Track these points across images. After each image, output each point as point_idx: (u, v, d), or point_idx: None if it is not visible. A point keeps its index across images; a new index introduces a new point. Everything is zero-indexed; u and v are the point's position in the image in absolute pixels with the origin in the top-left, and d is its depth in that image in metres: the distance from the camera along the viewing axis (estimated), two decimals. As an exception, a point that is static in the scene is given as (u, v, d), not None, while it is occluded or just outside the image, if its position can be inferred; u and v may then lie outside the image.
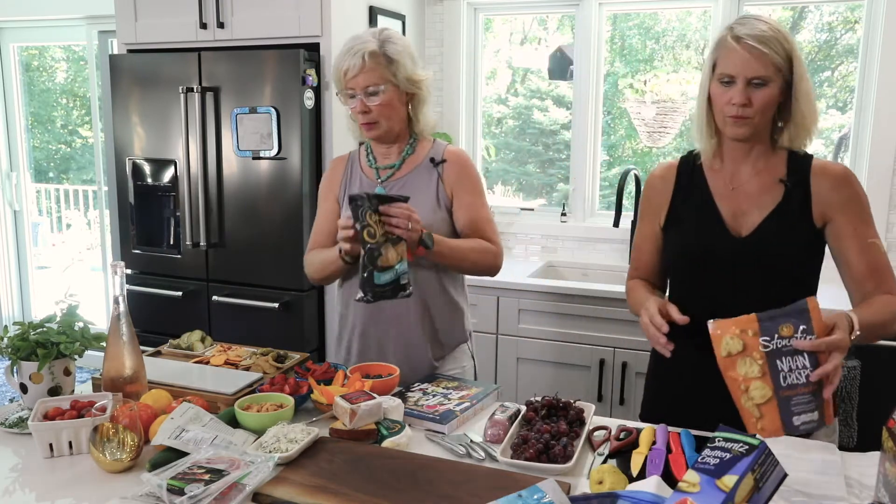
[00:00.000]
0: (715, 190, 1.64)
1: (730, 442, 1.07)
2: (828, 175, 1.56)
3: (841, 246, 1.57)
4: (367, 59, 1.79)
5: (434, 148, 1.95)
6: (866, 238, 1.56)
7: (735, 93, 1.51)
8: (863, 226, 1.56)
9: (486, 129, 3.82)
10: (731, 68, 1.52)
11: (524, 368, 3.00)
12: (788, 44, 1.51)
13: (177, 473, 1.22)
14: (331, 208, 1.99)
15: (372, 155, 1.97)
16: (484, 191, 1.97)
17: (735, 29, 1.53)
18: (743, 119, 1.53)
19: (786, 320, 1.30)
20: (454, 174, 1.91)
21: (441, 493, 1.24)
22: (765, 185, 1.59)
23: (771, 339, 1.30)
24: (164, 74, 3.04)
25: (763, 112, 1.53)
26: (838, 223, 1.56)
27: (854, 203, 1.56)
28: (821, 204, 1.56)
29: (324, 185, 2.03)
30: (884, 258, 1.57)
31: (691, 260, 1.65)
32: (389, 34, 1.85)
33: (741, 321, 1.32)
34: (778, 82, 1.51)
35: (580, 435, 1.44)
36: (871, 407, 2.55)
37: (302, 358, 1.86)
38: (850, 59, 3.24)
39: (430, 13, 3.58)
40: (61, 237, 6.20)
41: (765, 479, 1.03)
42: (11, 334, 1.62)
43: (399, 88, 1.84)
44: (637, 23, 3.59)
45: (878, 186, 3.03)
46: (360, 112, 1.84)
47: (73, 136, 5.60)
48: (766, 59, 1.49)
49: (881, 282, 1.55)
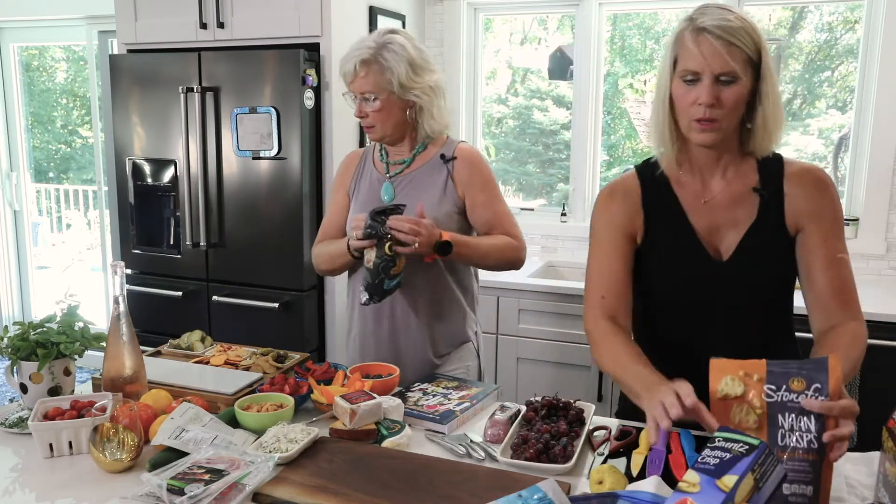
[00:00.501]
0: (686, 205, 1.48)
1: (730, 442, 1.07)
2: (802, 179, 1.44)
3: (808, 258, 1.44)
4: (359, 67, 1.83)
5: (446, 144, 1.95)
6: (836, 252, 1.43)
7: (701, 91, 1.34)
8: (833, 238, 1.43)
9: (486, 129, 3.82)
10: (696, 64, 1.34)
11: (524, 368, 3.00)
12: (757, 35, 1.35)
13: (177, 473, 1.22)
14: (341, 201, 2.02)
15: (384, 150, 1.99)
16: (498, 186, 1.96)
17: (697, 19, 1.35)
18: (711, 122, 1.36)
19: (799, 373, 1.16)
20: (465, 173, 1.90)
21: (441, 493, 1.24)
22: (738, 197, 1.46)
23: (777, 390, 1.17)
24: (164, 74, 3.04)
25: (733, 112, 1.37)
26: (808, 232, 1.43)
27: (827, 211, 1.43)
28: (794, 211, 1.44)
29: (337, 178, 2.06)
30: (850, 276, 1.45)
31: (671, 284, 1.51)
32: (390, 39, 1.85)
33: (748, 364, 1.20)
34: (748, 79, 1.35)
35: (580, 435, 1.44)
36: (871, 407, 2.55)
37: (302, 358, 1.86)
38: (850, 59, 3.24)
39: (430, 13, 3.58)
40: (61, 237, 6.19)
41: (765, 479, 1.03)
42: (11, 334, 1.62)
43: (395, 95, 1.85)
44: (637, 23, 3.59)
45: (878, 186, 3.03)
46: (357, 116, 1.89)
47: (73, 136, 5.60)
48: (736, 52, 1.32)
49: (846, 305, 1.43)
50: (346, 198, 2.01)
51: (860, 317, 1.44)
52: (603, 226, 1.53)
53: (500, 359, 3.03)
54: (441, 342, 1.94)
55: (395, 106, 1.86)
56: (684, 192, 1.49)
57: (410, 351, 1.92)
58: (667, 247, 1.49)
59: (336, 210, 2.02)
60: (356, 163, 2.03)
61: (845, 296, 1.43)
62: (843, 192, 3.19)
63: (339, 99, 2.93)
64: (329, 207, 2.06)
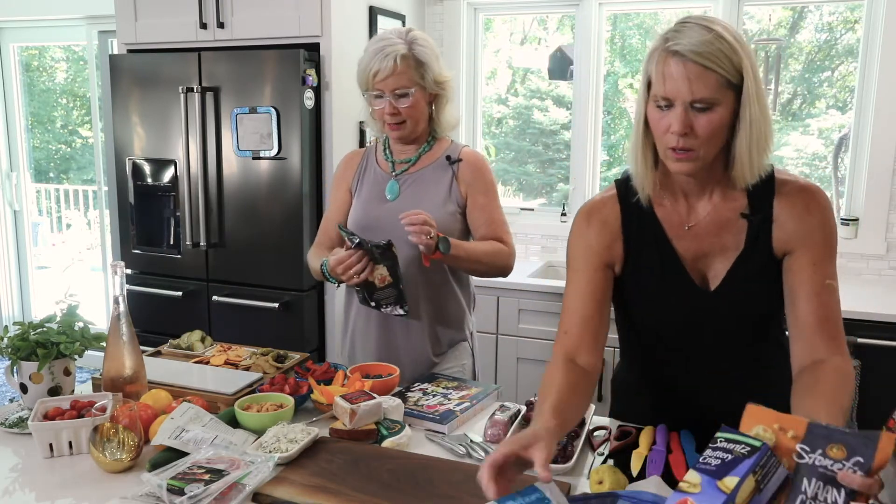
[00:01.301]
0: (669, 230, 1.38)
1: (732, 443, 1.07)
2: (793, 200, 1.33)
3: (794, 282, 1.32)
4: (399, 61, 1.81)
5: (451, 147, 1.97)
6: (824, 278, 1.31)
7: (674, 119, 1.22)
8: (823, 262, 1.32)
9: (486, 129, 3.82)
10: (667, 89, 1.22)
11: (524, 368, 3.00)
12: (737, 56, 1.21)
13: (177, 473, 1.22)
14: (343, 197, 2.02)
15: (389, 149, 1.99)
16: (498, 193, 1.98)
17: (671, 40, 1.22)
18: (686, 151, 1.25)
19: (842, 441, 1.02)
20: (470, 175, 1.92)
21: (441, 493, 1.24)
22: (725, 222, 1.35)
23: (811, 452, 1.03)
24: (164, 74, 3.03)
25: (710, 141, 1.25)
26: (797, 255, 1.32)
27: (818, 235, 1.32)
28: (783, 233, 1.33)
29: (337, 175, 2.06)
30: (837, 306, 1.33)
31: (655, 313, 1.43)
32: (416, 35, 1.87)
33: (787, 418, 1.08)
34: (727, 103, 1.23)
35: (580, 435, 1.44)
36: (871, 407, 2.55)
37: (302, 358, 1.86)
38: (850, 59, 3.24)
39: (430, 13, 3.58)
40: (61, 237, 6.19)
41: (766, 481, 1.02)
42: (11, 334, 1.62)
43: (426, 90, 1.87)
44: (637, 23, 3.59)
45: (878, 186, 3.03)
46: (390, 113, 1.86)
47: (73, 136, 5.60)
48: (711, 77, 1.20)
49: (831, 338, 1.30)
50: (347, 194, 2.01)
51: (845, 352, 1.32)
52: (579, 254, 1.43)
53: (500, 359, 3.03)
54: (440, 341, 1.95)
55: (423, 101, 1.88)
56: (667, 217, 1.38)
57: (409, 349, 1.92)
58: (650, 275, 1.39)
59: (337, 207, 2.02)
60: (357, 161, 2.04)
61: (831, 327, 1.31)
62: (844, 192, 3.20)
63: (339, 99, 2.94)
64: (330, 205, 2.06)
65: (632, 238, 1.40)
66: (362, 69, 1.87)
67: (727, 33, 1.22)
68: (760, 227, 1.34)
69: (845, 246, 3.07)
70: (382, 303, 1.82)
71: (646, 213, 1.39)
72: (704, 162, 1.28)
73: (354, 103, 3.06)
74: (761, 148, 1.27)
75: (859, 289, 2.88)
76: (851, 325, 2.52)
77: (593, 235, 1.41)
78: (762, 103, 1.24)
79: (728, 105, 1.23)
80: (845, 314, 2.44)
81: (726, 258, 1.35)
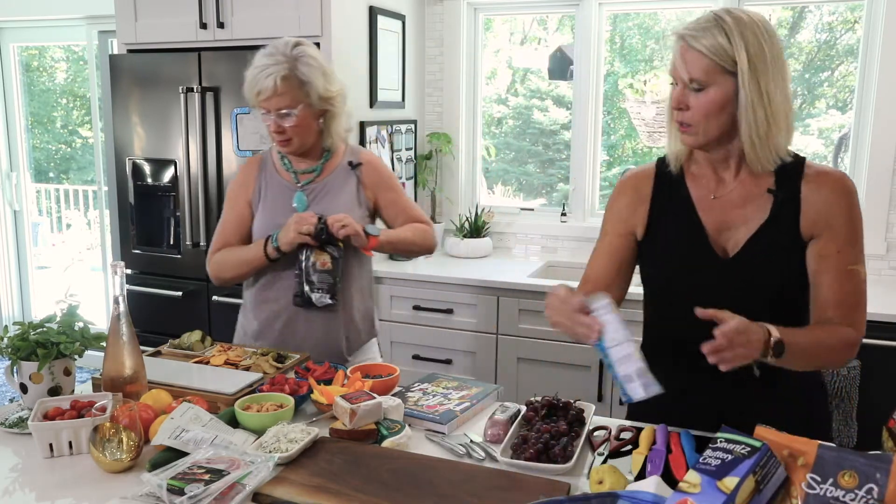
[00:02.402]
0: (697, 200, 1.45)
1: (732, 443, 1.07)
2: (822, 184, 1.38)
3: (819, 267, 1.37)
4: (280, 83, 1.83)
5: (349, 151, 2.04)
6: (848, 263, 1.36)
7: (675, 95, 1.36)
8: (847, 247, 1.36)
9: (486, 129, 3.82)
10: (672, 69, 1.36)
11: (524, 368, 3.00)
12: (731, 45, 1.29)
13: (177, 473, 1.22)
14: (243, 211, 2.02)
15: (287, 159, 2.01)
16: (398, 180, 2.13)
17: (684, 24, 1.36)
18: (685, 126, 1.36)
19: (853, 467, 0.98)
20: (373, 177, 2.03)
21: (441, 493, 1.24)
22: (751, 195, 1.41)
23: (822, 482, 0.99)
24: (164, 74, 3.03)
25: (706, 119, 1.34)
26: (823, 240, 1.37)
27: (845, 219, 1.36)
28: (810, 217, 1.37)
29: (235, 187, 2.05)
30: (859, 290, 1.37)
31: (672, 280, 1.48)
32: (302, 51, 1.88)
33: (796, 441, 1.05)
34: (723, 86, 1.31)
35: (580, 435, 1.44)
36: (871, 407, 2.55)
37: (302, 358, 1.86)
38: (850, 59, 3.24)
39: (430, 13, 3.58)
40: (61, 237, 6.19)
41: (766, 482, 1.03)
42: (11, 334, 1.62)
43: (312, 106, 1.89)
44: (637, 23, 3.59)
45: (878, 186, 3.03)
46: (275, 131, 1.90)
47: (73, 136, 5.60)
48: (702, 61, 1.30)
49: (846, 314, 1.36)
50: (247, 209, 2.01)
51: (859, 328, 1.36)
52: (609, 219, 1.56)
53: (500, 359, 3.03)
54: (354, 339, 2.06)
55: (310, 117, 1.91)
56: (697, 186, 1.47)
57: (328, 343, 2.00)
58: (671, 240, 1.47)
59: (237, 220, 2.02)
60: (255, 172, 2.03)
61: (847, 308, 1.36)
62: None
63: (339, 99, 2.94)
64: (227, 218, 2.04)
65: (659, 205, 1.49)
66: (247, 85, 1.88)
67: (731, 23, 1.30)
68: (785, 204, 1.38)
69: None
70: (315, 287, 1.89)
71: (677, 181, 1.48)
72: (706, 137, 1.36)
73: (354, 103, 3.06)
74: (761, 133, 1.33)
75: (859, 289, 2.88)
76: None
77: (623, 203, 1.53)
78: (761, 90, 1.30)
79: (723, 88, 1.32)
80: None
81: (748, 229, 1.40)
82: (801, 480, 1.01)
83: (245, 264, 1.97)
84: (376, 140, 3.18)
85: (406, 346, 3.17)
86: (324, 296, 1.91)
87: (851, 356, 1.39)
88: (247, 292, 2.09)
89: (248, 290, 2.09)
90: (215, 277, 2.04)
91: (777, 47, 1.34)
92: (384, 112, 3.27)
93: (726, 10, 1.34)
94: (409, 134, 3.50)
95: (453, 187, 3.67)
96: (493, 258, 3.44)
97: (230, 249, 2.00)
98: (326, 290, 1.91)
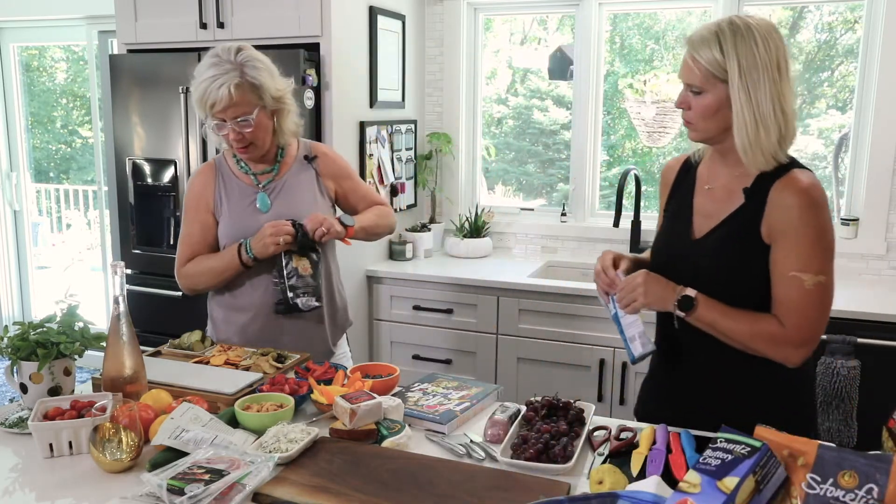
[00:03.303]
0: (697, 187, 1.61)
1: (732, 443, 1.07)
2: (787, 191, 1.43)
3: (772, 270, 1.46)
4: (234, 91, 1.82)
5: (302, 147, 2.06)
6: (792, 269, 1.42)
7: (680, 95, 1.52)
8: (794, 254, 1.42)
9: (486, 129, 3.82)
10: (679, 71, 1.51)
11: (524, 368, 3.00)
12: (723, 55, 1.41)
13: (177, 473, 1.23)
14: (205, 220, 2.01)
15: (244, 162, 2.01)
16: (351, 166, 2.19)
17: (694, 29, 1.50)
18: (689, 123, 1.51)
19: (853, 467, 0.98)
20: (331, 167, 2.08)
21: (441, 493, 1.24)
22: (732, 190, 1.52)
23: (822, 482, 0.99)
24: (164, 74, 3.03)
25: (704, 120, 1.48)
26: (778, 244, 1.44)
27: (800, 226, 1.41)
28: (770, 220, 1.44)
29: (193, 197, 2.02)
30: (802, 297, 1.41)
31: (657, 255, 1.66)
32: (247, 56, 1.88)
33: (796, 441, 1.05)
34: (717, 92, 1.44)
35: (580, 435, 1.44)
36: (871, 407, 2.55)
37: (302, 358, 1.86)
38: (850, 59, 3.24)
39: (430, 13, 3.58)
40: (61, 237, 6.19)
41: (766, 482, 1.03)
42: (11, 334, 1.62)
43: (266, 108, 1.90)
44: (637, 23, 3.59)
45: (878, 186, 3.03)
46: (235, 140, 1.89)
47: (73, 136, 5.60)
48: (698, 67, 1.44)
49: (784, 315, 1.44)
50: (209, 216, 2.00)
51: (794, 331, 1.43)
52: (659, 196, 1.75)
53: (500, 359, 3.03)
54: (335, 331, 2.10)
55: (265, 119, 1.92)
56: (701, 176, 1.61)
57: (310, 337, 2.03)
58: (670, 217, 1.66)
59: (202, 229, 2.00)
60: (212, 179, 2.02)
61: (789, 313, 1.44)
62: (844, 192, 3.20)
63: (339, 99, 2.94)
64: (191, 228, 2.02)
65: (676, 183, 1.67)
66: (198, 98, 1.87)
67: (728, 34, 1.42)
68: (753, 204, 1.48)
69: (845, 246, 3.07)
70: (300, 291, 1.91)
71: (693, 169, 1.64)
72: (706, 134, 1.51)
73: (354, 103, 3.07)
74: (751, 136, 1.42)
75: (859, 289, 2.88)
76: (851, 325, 2.53)
77: (662, 182, 1.72)
78: (750, 98, 1.41)
79: (717, 94, 1.44)
80: (845, 314, 2.45)
81: (718, 218, 1.53)
82: (801, 480, 1.01)
83: (219, 274, 1.97)
84: (376, 140, 3.18)
85: (406, 346, 3.17)
86: (309, 299, 1.93)
87: (779, 353, 1.46)
88: (213, 302, 2.09)
89: (214, 300, 2.08)
90: (188, 289, 2.04)
91: (776, 54, 1.41)
92: (384, 112, 3.27)
93: (729, 19, 1.44)
94: (409, 134, 3.50)
95: (453, 187, 3.67)
96: (493, 258, 3.44)
97: (200, 260, 1.99)
98: (311, 293, 1.93)
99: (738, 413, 1.38)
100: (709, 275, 1.50)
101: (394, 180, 3.34)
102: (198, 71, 1.88)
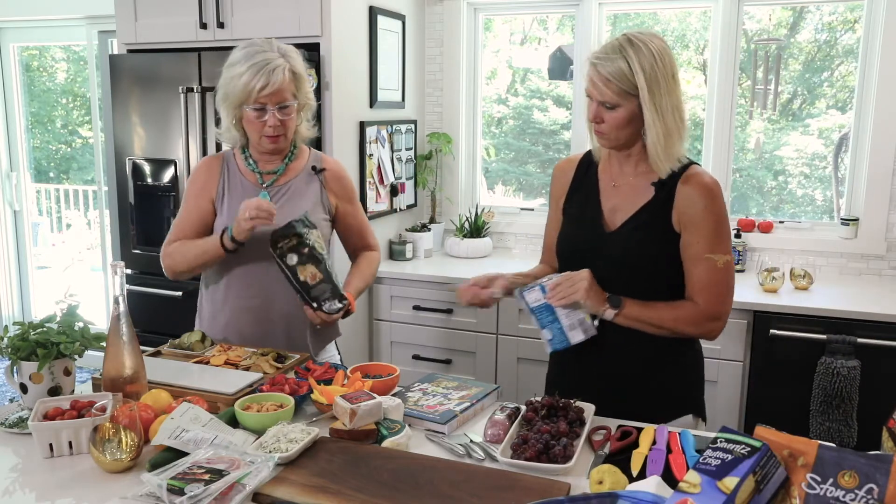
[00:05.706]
0: (602, 186, 1.74)
1: (732, 443, 1.07)
2: (690, 186, 1.61)
3: (683, 255, 1.64)
4: (287, 74, 1.86)
5: (312, 156, 2.05)
6: (704, 252, 1.61)
7: (590, 111, 1.63)
8: (703, 239, 1.61)
9: (486, 129, 3.82)
10: (587, 89, 1.62)
11: (524, 368, 3.00)
12: (632, 73, 1.54)
13: (177, 473, 1.23)
14: (205, 207, 2.00)
15: (252, 159, 2.01)
16: (357, 195, 2.15)
17: (593, 53, 1.60)
18: (601, 134, 1.64)
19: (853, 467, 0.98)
20: (337, 184, 2.06)
21: (441, 493, 1.24)
22: (641, 186, 1.67)
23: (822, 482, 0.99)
24: (164, 74, 3.03)
25: (616, 131, 1.61)
26: (687, 232, 1.62)
27: (705, 215, 1.60)
28: (679, 211, 1.62)
29: (197, 183, 2.02)
30: (712, 275, 1.61)
31: (569, 249, 1.76)
32: (287, 48, 1.91)
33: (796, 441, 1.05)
34: (629, 106, 1.57)
35: (580, 435, 1.44)
36: (871, 407, 2.55)
37: (302, 358, 1.86)
38: (850, 59, 3.24)
39: (430, 13, 3.58)
40: (61, 237, 6.19)
41: (766, 482, 1.03)
42: (11, 334, 1.62)
43: (299, 102, 1.93)
44: (637, 23, 3.59)
45: (878, 186, 3.03)
46: (273, 125, 1.88)
47: (73, 136, 5.60)
48: (608, 85, 1.57)
49: (698, 293, 1.62)
50: (209, 205, 2.00)
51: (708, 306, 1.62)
52: (551, 197, 1.87)
53: (500, 359, 3.03)
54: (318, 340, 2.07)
55: (296, 111, 1.94)
56: (604, 176, 1.75)
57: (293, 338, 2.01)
58: (575, 214, 1.77)
59: (199, 216, 2.00)
60: (218, 170, 2.02)
61: (702, 291, 1.61)
62: (844, 192, 3.20)
63: (339, 99, 2.94)
64: (188, 213, 2.02)
65: (576, 185, 1.79)
66: (242, 83, 1.84)
67: (631, 52, 1.55)
68: (662, 197, 1.64)
69: (845, 246, 3.07)
70: (321, 299, 1.88)
71: (592, 169, 1.78)
72: (617, 142, 1.65)
73: (354, 103, 3.07)
74: (662, 145, 1.59)
75: (859, 289, 2.88)
76: (851, 325, 2.53)
77: (555, 183, 1.84)
78: (657, 109, 1.56)
79: (629, 108, 1.58)
80: (845, 314, 2.48)
81: (630, 211, 1.67)
82: (801, 480, 1.01)
83: (199, 256, 1.94)
84: (376, 140, 3.18)
85: (406, 346, 3.17)
86: (332, 303, 1.89)
87: (702, 329, 1.65)
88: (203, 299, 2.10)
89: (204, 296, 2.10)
90: (168, 268, 2.01)
91: (671, 67, 1.58)
92: (384, 112, 3.27)
93: (627, 38, 1.58)
94: (409, 134, 3.50)
95: (453, 187, 3.67)
96: (493, 258, 3.44)
97: (185, 242, 1.98)
98: (332, 296, 1.89)
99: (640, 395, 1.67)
100: (624, 262, 1.65)
101: (394, 180, 3.34)
102: (235, 59, 1.88)
